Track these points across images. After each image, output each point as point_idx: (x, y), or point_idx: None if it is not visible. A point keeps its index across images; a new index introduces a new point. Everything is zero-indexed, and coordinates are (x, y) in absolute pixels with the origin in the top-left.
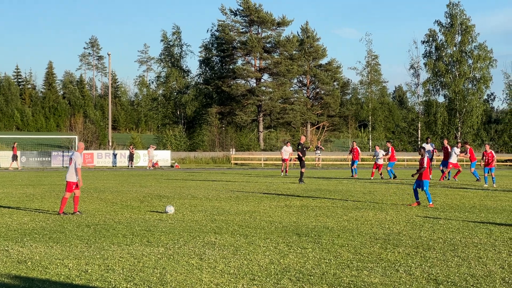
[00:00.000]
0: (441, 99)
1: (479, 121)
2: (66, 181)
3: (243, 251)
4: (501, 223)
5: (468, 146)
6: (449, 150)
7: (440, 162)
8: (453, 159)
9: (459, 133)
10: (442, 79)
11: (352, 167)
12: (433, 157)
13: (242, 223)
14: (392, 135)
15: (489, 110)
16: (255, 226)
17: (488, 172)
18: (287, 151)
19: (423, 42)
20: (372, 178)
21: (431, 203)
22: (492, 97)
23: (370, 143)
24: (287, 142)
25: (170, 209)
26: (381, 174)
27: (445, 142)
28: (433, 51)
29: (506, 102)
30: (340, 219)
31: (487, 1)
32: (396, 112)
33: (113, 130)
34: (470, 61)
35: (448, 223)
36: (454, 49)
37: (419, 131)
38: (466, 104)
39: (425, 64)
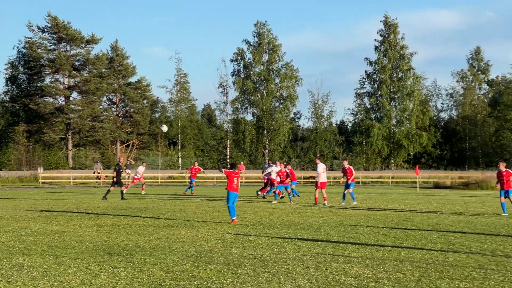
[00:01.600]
0: (249, 117)
1: (286, 139)
2: None
3: (53, 272)
4: (308, 239)
5: (289, 167)
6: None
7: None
8: (273, 175)
9: (267, 150)
10: (250, 97)
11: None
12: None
13: (51, 243)
14: (202, 153)
15: (296, 128)
16: (65, 246)
17: (283, 189)
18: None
19: (231, 61)
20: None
21: (234, 218)
22: (298, 115)
23: (180, 161)
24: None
25: None
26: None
27: (277, 163)
28: (242, 70)
29: (312, 120)
30: (152, 237)
31: (293, 21)
32: (205, 130)
33: None
34: (277, 80)
35: (258, 240)
36: (262, 67)
37: (228, 149)
38: (273, 122)
39: (234, 83)
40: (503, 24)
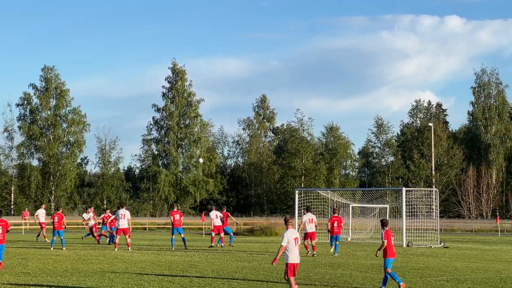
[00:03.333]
0: (35, 162)
1: (72, 184)
2: None
3: None
4: (92, 287)
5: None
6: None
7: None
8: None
9: (53, 196)
10: (36, 142)
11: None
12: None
13: None
14: None
15: (83, 173)
16: None
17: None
18: None
19: (17, 105)
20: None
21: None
22: (85, 161)
23: None
24: None
25: None
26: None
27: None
28: (28, 114)
29: (99, 166)
30: None
31: (82, 66)
32: None
33: None
34: (64, 125)
35: None
36: (49, 112)
37: (13, 194)
38: (60, 167)
39: (20, 127)
40: (286, 73)
